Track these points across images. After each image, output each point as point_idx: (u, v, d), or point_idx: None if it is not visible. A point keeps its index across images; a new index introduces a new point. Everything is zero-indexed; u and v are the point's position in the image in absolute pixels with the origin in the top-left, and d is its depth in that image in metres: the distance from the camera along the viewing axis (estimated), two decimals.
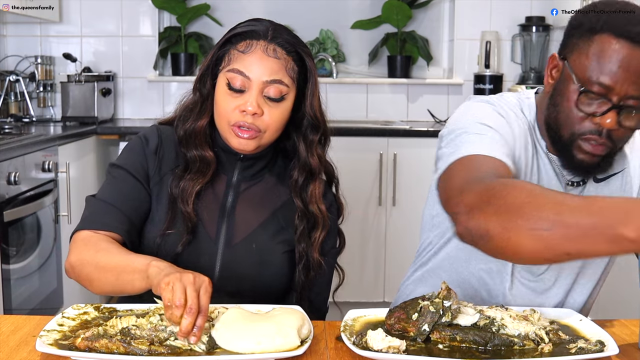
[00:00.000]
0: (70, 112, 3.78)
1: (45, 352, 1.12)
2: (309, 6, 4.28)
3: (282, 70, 1.45)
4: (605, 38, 1.33)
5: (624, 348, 1.21)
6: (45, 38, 4.12)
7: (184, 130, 1.51)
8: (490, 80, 4.07)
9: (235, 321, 1.19)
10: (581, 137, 1.38)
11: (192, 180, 1.48)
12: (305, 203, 1.53)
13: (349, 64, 4.33)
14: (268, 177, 1.56)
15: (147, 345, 1.13)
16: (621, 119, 1.35)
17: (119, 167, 1.49)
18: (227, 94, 1.45)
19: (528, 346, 1.18)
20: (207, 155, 1.49)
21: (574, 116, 1.37)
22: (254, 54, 1.44)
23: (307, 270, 1.53)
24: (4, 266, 2.60)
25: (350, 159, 3.63)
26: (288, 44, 1.47)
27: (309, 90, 1.51)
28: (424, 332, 1.19)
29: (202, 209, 1.49)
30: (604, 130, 1.35)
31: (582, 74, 1.35)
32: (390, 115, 4.24)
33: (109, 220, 1.42)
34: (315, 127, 1.53)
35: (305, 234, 1.52)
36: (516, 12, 4.15)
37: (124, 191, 1.46)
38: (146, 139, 1.52)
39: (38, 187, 2.93)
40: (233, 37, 1.47)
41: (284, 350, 1.14)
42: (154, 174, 1.50)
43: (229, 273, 1.48)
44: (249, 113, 1.43)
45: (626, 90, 1.32)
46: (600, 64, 1.33)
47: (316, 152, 1.54)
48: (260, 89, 1.43)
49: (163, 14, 4.24)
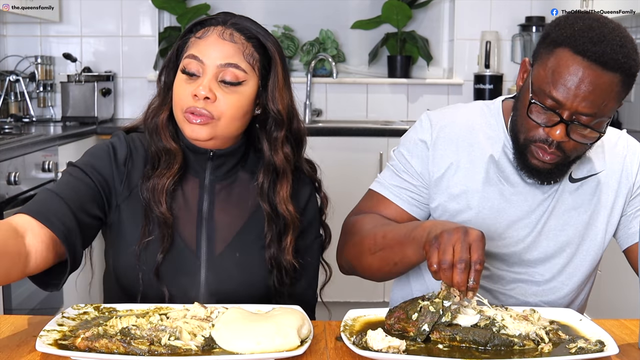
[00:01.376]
0: (70, 112, 3.78)
1: (45, 352, 1.12)
2: (309, 6, 4.27)
3: (239, 54, 1.40)
4: (564, 53, 1.34)
5: (624, 348, 1.21)
6: (45, 38, 4.12)
7: (147, 127, 1.46)
8: (490, 80, 4.07)
9: (235, 321, 1.19)
10: (533, 144, 1.41)
11: (159, 177, 1.42)
12: (273, 206, 1.47)
13: (349, 64, 4.33)
14: (242, 174, 1.51)
15: (147, 345, 1.13)
16: (570, 133, 1.36)
17: (77, 167, 1.43)
18: (182, 80, 1.41)
19: (528, 346, 1.18)
20: (171, 147, 1.43)
21: (528, 123, 1.41)
22: (209, 37, 1.41)
23: (280, 276, 1.47)
24: None
25: (350, 159, 3.63)
26: (247, 30, 1.42)
27: (271, 81, 1.44)
28: (423, 332, 1.19)
29: (177, 215, 1.44)
30: (554, 141, 1.38)
31: (538, 85, 1.37)
32: (390, 115, 4.24)
33: (51, 214, 1.31)
34: (278, 123, 1.45)
35: (275, 239, 1.47)
36: (516, 12, 4.15)
37: (77, 188, 1.39)
38: (114, 149, 1.45)
39: (38, 187, 2.93)
40: (193, 27, 1.45)
41: (283, 350, 1.14)
42: (123, 189, 1.44)
43: (216, 287, 1.44)
44: (201, 97, 1.37)
45: (576, 107, 1.33)
46: (554, 78, 1.35)
47: (281, 151, 1.46)
48: (215, 73, 1.39)
49: (163, 14, 4.25)
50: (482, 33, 4.16)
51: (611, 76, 1.32)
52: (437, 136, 1.54)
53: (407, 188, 1.55)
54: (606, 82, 1.32)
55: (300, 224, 1.49)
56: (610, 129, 1.60)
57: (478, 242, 1.22)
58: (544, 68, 1.37)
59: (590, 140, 1.39)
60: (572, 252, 1.54)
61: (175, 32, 4.16)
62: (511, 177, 1.51)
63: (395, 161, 1.59)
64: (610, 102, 1.35)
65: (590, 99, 1.32)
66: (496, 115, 1.55)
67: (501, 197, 1.51)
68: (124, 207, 1.45)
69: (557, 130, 1.36)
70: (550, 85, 1.35)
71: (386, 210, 1.55)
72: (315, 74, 4.22)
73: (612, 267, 2.01)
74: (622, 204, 1.54)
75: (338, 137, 3.70)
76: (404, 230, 1.41)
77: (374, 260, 1.46)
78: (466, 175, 1.52)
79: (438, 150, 1.54)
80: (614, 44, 1.32)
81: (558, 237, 1.53)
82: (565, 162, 1.44)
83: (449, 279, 1.21)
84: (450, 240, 1.22)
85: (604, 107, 1.34)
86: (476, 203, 1.51)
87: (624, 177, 1.54)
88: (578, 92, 1.32)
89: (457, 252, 1.21)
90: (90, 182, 1.41)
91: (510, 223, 1.51)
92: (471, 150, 1.53)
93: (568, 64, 1.33)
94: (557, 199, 1.52)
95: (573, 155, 1.43)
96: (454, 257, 1.20)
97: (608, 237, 1.56)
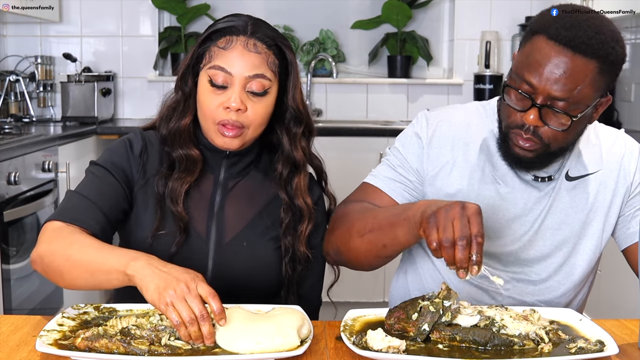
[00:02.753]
0: (70, 112, 3.78)
1: (45, 352, 1.12)
2: (309, 6, 4.28)
3: (264, 64, 1.45)
4: (539, 39, 1.37)
5: (623, 348, 1.21)
6: (45, 38, 4.12)
7: (168, 130, 1.51)
8: (490, 80, 4.07)
9: (235, 321, 1.19)
10: (511, 130, 1.43)
11: (179, 180, 1.48)
12: (291, 196, 1.53)
13: (349, 64, 4.33)
14: (255, 173, 1.56)
15: (147, 345, 1.13)
16: (545, 118, 1.38)
17: (99, 166, 1.48)
18: (209, 92, 1.45)
19: (528, 346, 1.19)
20: (194, 153, 1.49)
21: (506, 110, 1.43)
22: (234, 49, 1.44)
23: (293, 264, 1.52)
24: (4, 266, 2.60)
25: (350, 159, 3.63)
26: (268, 38, 1.46)
27: (291, 82, 1.51)
28: (423, 332, 1.20)
29: (191, 208, 1.49)
30: (529, 126, 1.39)
31: (515, 70, 1.40)
32: (390, 115, 4.24)
33: (85, 217, 1.39)
34: (298, 120, 1.53)
35: (291, 227, 1.52)
36: (516, 12, 4.15)
37: (103, 189, 1.45)
38: (130, 142, 1.51)
39: (38, 187, 2.93)
40: (213, 34, 1.47)
41: (283, 350, 1.14)
42: (139, 178, 1.49)
43: (221, 272, 1.48)
44: (233, 109, 1.42)
45: (549, 90, 1.35)
46: (528, 63, 1.37)
47: (300, 145, 1.53)
48: (243, 84, 1.43)
49: (163, 14, 4.25)
50: (482, 33, 4.16)
51: (584, 61, 1.33)
52: (432, 134, 1.55)
53: (402, 182, 1.55)
54: (579, 66, 1.33)
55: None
56: (608, 128, 1.60)
57: (476, 215, 1.22)
58: (521, 54, 1.40)
59: (565, 127, 1.38)
60: (569, 252, 1.54)
61: (175, 32, 4.16)
62: (507, 176, 1.51)
63: (391, 156, 1.60)
64: (585, 88, 1.35)
65: (562, 82, 1.34)
66: (491, 115, 1.55)
67: (497, 196, 1.51)
68: (140, 195, 1.50)
69: (530, 114, 1.37)
70: (525, 69, 1.37)
71: (378, 202, 1.54)
72: (315, 74, 4.22)
73: (612, 267, 2.01)
74: (620, 203, 1.54)
75: (338, 137, 3.70)
76: (396, 210, 1.41)
77: (362, 242, 1.44)
78: (462, 174, 1.52)
79: (433, 149, 1.54)
80: (588, 30, 1.33)
81: (554, 236, 1.53)
82: (546, 152, 1.44)
83: (451, 257, 1.20)
84: (449, 217, 1.22)
85: (577, 93, 1.35)
86: (472, 202, 1.51)
87: (622, 176, 1.54)
88: (550, 75, 1.34)
89: (456, 229, 1.20)
90: (114, 180, 1.47)
91: (507, 222, 1.51)
92: (467, 150, 1.53)
93: (541, 49, 1.35)
94: (554, 197, 1.52)
95: (553, 145, 1.42)
96: (454, 234, 1.20)
97: (605, 236, 1.56)
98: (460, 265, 1.20)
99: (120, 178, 1.47)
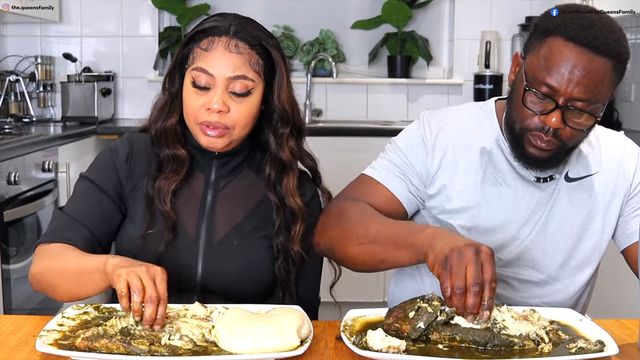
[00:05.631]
0: (70, 112, 3.78)
1: (45, 352, 1.12)
2: (309, 6, 4.27)
3: (246, 65, 1.44)
4: (555, 40, 1.37)
5: (623, 348, 1.21)
6: (45, 38, 4.12)
7: (155, 130, 1.51)
8: (490, 80, 4.07)
9: (235, 321, 1.19)
10: (529, 132, 1.42)
11: (166, 179, 1.48)
12: (281, 197, 1.52)
13: (349, 64, 4.33)
14: (247, 172, 1.55)
15: (147, 345, 1.13)
16: (566, 119, 1.38)
17: (87, 180, 1.51)
18: (193, 92, 1.45)
19: (528, 346, 1.18)
20: (180, 153, 1.49)
21: (523, 113, 1.42)
22: (215, 50, 1.43)
23: (287, 264, 1.51)
24: (4, 266, 2.60)
25: (350, 159, 3.62)
26: (251, 38, 1.45)
27: (277, 82, 1.49)
28: (418, 329, 1.19)
29: (180, 208, 1.50)
30: (550, 128, 1.39)
31: (532, 74, 1.39)
32: (390, 115, 4.24)
33: (71, 235, 1.43)
34: (284, 120, 1.51)
35: (283, 228, 1.51)
36: (516, 12, 4.15)
37: (91, 207, 1.48)
38: (115, 150, 1.52)
39: (38, 187, 2.93)
40: (196, 35, 1.47)
41: (283, 350, 1.14)
42: (127, 181, 1.51)
43: (212, 271, 1.48)
44: (215, 111, 1.42)
45: (571, 92, 1.35)
46: (548, 65, 1.36)
47: (287, 146, 1.52)
48: (225, 85, 1.43)
49: (163, 14, 4.25)
50: (482, 33, 4.16)
51: (603, 61, 1.34)
52: (435, 139, 1.55)
53: (404, 181, 1.55)
54: (599, 66, 1.34)
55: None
56: (608, 130, 1.60)
57: (490, 259, 1.19)
58: (537, 57, 1.39)
59: (586, 127, 1.40)
60: (569, 253, 1.54)
61: (175, 32, 4.16)
62: (508, 177, 1.51)
63: (393, 154, 1.58)
64: (604, 88, 1.36)
65: (584, 84, 1.34)
66: (490, 116, 1.56)
67: (499, 197, 1.51)
68: (130, 198, 1.51)
69: (552, 117, 1.37)
70: (544, 72, 1.37)
71: (376, 197, 1.54)
72: (315, 74, 4.22)
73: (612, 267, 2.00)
74: (619, 205, 1.54)
75: (338, 137, 3.70)
76: (400, 230, 1.38)
77: (361, 251, 1.43)
78: (464, 177, 1.52)
79: (436, 152, 1.54)
80: (604, 29, 1.34)
81: (555, 237, 1.53)
82: (563, 151, 1.44)
83: (462, 305, 1.17)
84: (462, 262, 1.18)
85: (598, 92, 1.35)
86: (474, 204, 1.51)
87: (621, 178, 1.54)
88: (572, 77, 1.34)
89: (470, 275, 1.17)
90: (101, 195, 1.49)
91: (509, 223, 1.51)
92: (468, 152, 1.53)
93: (560, 51, 1.35)
94: (555, 198, 1.52)
95: (570, 143, 1.43)
96: (467, 281, 1.17)
97: (605, 238, 1.56)
98: (471, 311, 1.18)
99: (109, 189, 1.49)
